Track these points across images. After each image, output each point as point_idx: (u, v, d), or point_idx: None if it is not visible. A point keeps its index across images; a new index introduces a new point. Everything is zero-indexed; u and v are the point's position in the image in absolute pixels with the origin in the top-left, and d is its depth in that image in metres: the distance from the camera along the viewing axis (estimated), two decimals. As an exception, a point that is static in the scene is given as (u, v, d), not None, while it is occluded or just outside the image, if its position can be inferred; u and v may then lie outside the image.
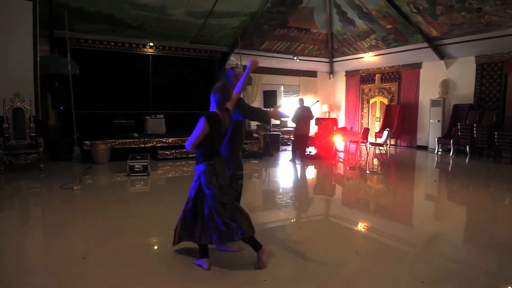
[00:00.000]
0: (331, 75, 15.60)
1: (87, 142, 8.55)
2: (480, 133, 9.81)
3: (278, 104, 13.16)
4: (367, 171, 8.62)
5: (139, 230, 4.12)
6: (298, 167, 8.88)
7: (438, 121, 11.39)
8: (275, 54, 13.47)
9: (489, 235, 4.29)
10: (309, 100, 12.68)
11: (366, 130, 10.83)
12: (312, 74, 15.17)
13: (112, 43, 10.70)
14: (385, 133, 9.84)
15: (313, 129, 10.37)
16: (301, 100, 9.69)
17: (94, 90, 10.44)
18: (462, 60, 11.01)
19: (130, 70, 11.05)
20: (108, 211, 4.88)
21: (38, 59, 8.28)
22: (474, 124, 9.99)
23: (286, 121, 13.74)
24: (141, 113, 10.78)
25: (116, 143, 8.85)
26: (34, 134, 7.60)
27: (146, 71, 11.37)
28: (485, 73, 10.53)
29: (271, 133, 11.47)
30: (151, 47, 11.33)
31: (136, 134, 9.60)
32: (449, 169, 9.18)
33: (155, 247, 3.77)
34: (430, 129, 11.69)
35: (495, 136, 9.48)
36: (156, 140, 9.36)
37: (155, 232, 4.16)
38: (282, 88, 14.58)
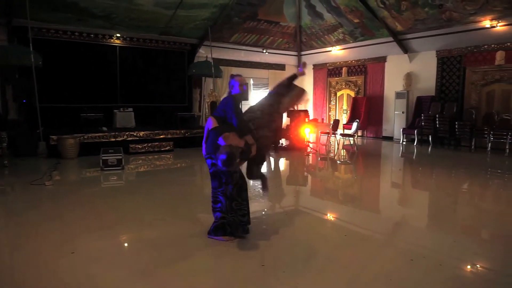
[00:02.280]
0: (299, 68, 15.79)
1: (53, 136, 8.18)
2: (442, 123, 10.36)
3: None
4: (338, 161, 8.87)
5: (134, 221, 4.05)
6: (272, 158, 8.98)
7: (403, 112, 11.88)
8: (244, 47, 13.46)
9: (450, 219, 4.54)
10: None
11: (336, 122, 11.12)
12: (281, 67, 15.30)
13: (77, 33, 10.24)
14: (355, 124, 10.16)
15: (285, 121, 10.50)
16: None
17: (59, 83, 9.98)
18: (424, 54, 11.53)
19: (96, 61, 10.64)
20: (92, 205, 4.73)
21: (-3, 49, 7.82)
22: (436, 115, 10.53)
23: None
24: (110, 107, 10.43)
25: (85, 137, 8.55)
26: (-4, 129, 7.20)
27: (113, 63, 10.98)
28: (445, 67, 11.09)
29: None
30: (118, 38, 10.96)
31: (105, 128, 9.31)
32: (414, 158, 9.61)
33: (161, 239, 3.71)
34: (395, 120, 12.18)
35: (456, 126, 10.05)
36: (127, 134, 9.13)
37: (151, 223, 4.09)
38: (251, 81, 14.60)
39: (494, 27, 9.29)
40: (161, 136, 9.62)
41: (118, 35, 10.91)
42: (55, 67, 9.75)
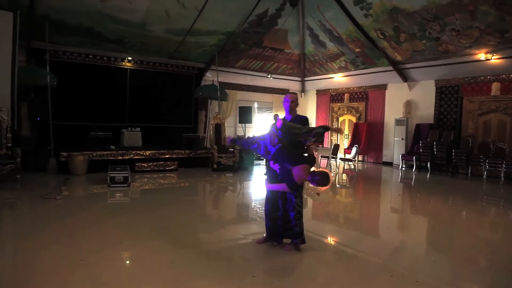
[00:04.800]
0: (303, 93, 16.27)
1: (64, 153, 8.56)
2: (440, 150, 10.63)
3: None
4: (338, 185, 9.12)
5: (137, 236, 4.33)
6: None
7: (402, 139, 12.18)
8: (250, 72, 13.97)
9: (447, 246, 4.68)
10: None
11: (336, 146, 11.42)
12: (285, 92, 15.70)
13: (91, 56, 10.81)
14: (354, 149, 10.45)
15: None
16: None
17: (72, 102, 10.46)
18: (423, 83, 11.93)
19: (108, 83, 11.16)
20: (104, 220, 5.03)
21: (16, 70, 8.31)
22: (434, 142, 10.82)
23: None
24: (118, 126, 10.85)
25: (94, 155, 8.91)
26: (10, 145, 7.58)
27: (123, 85, 11.50)
28: (443, 96, 11.46)
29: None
30: (129, 61, 11.51)
31: (113, 147, 9.68)
32: (412, 183, 9.82)
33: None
34: (394, 146, 12.46)
35: (453, 153, 10.31)
36: (133, 152, 9.48)
37: (167, 238, 4.36)
38: (256, 105, 15.04)
39: (489, 59, 9.68)
40: (166, 156, 9.96)
41: (129, 58, 11.46)
42: (68, 87, 10.24)
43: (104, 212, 5.61)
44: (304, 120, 4.11)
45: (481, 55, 9.72)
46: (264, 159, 10.90)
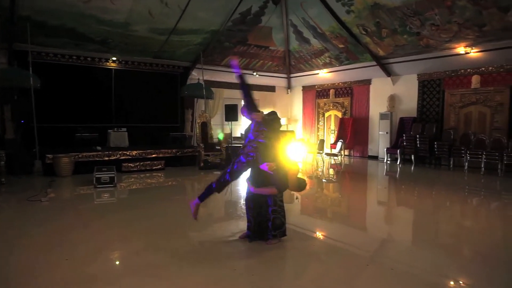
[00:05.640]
0: (289, 90, 16.38)
1: (49, 155, 8.53)
2: (423, 143, 10.84)
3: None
4: (324, 180, 9.26)
5: (123, 236, 4.38)
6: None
7: (387, 132, 12.38)
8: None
9: (432, 236, 4.82)
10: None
11: (322, 142, 11.56)
12: (271, 88, 15.86)
13: (74, 57, 10.73)
14: (339, 144, 10.61)
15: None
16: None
17: (56, 104, 10.38)
18: (406, 77, 12.13)
19: (92, 84, 11.09)
20: (90, 221, 5.06)
21: (-1, 72, 8.25)
22: (417, 135, 11.03)
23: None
24: (104, 127, 10.82)
25: (80, 156, 8.90)
26: (-6, 148, 7.54)
27: (108, 85, 11.45)
28: (426, 89, 11.68)
29: (233, 145, 11.89)
30: (113, 61, 11.46)
31: (99, 147, 9.66)
32: (397, 176, 10.01)
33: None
34: (379, 140, 12.66)
35: (435, 146, 10.54)
36: (120, 153, 9.49)
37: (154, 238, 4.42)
38: (242, 103, 15.05)
39: (468, 53, 9.89)
40: (153, 155, 9.98)
41: (114, 58, 11.41)
42: (52, 89, 10.16)
43: (90, 213, 5.64)
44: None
45: (461, 49, 9.93)
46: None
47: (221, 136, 13.19)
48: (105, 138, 10.50)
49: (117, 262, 3.72)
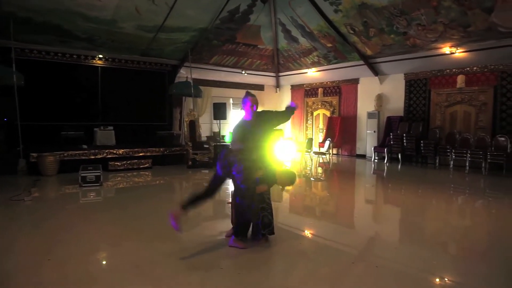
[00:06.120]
0: (277, 88, 16.41)
1: (33, 154, 8.38)
2: (409, 142, 10.97)
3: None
4: (312, 178, 9.30)
5: (108, 237, 4.32)
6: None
7: (374, 131, 12.49)
8: (224, 68, 13.97)
9: (418, 234, 4.88)
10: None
11: (310, 140, 11.60)
12: (260, 87, 15.86)
13: (60, 54, 10.56)
14: (327, 142, 10.66)
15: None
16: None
17: (41, 101, 10.21)
18: (393, 77, 12.25)
19: (78, 81, 10.95)
20: (75, 220, 4.98)
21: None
22: (404, 134, 11.15)
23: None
24: (90, 125, 10.69)
25: (65, 155, 8.76)
26: (-24, 146, 7.37)
27: (95, 83, 11.30)
28: (412, 89, 11.81)
29: (221, 144, 11.86)
30: (100, 59, 11.31)
31: (85, 146, 9.54)
32: (384, 175, 10.11)
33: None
34: (367, 139, 12.77)
35: (421, 144, 10.67)
36: (106, 151, 9.38)
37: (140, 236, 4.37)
38: (231, 101, 15.08)
39: (453, 53, 10.03)
40: (141, 154, 9.89)
41: (100, 56, 11.26)
42: (37, 87, 10.00)
43: (75, 212, 5.55)
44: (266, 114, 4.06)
45: (446, 49, 10.06)
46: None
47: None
48: (91, 137, 10.38)
49: (103, 262, 3.67)
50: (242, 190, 3.67)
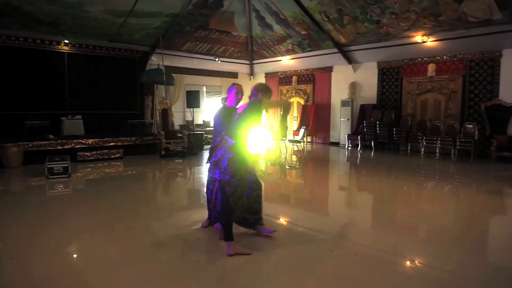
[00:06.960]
0: (252, 76, 16.25)
1: (-5, 145, 7.93)
2: (382, 129, 11.14)
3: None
4: (287, 166, 9.29)
5: (76, 230, 4.13)
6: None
7: (348, 119, 12.61)
8: (197, 55, 13.66)
9: (391, 218, 4.99)
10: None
11: (285, 127, 11.56)
12: (233, 75, 15.65)
13: (21, 39, 9.96)
14: (302, 130, 10.66)
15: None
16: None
17: (2, 89, 9.63)
18: (367, 65, 12.36)
19: (42, 68, 10.38)
20: (42, 214, 4.73)
21: None
22: (377, 122, 11.31)
23: (209, 121, 14.02)
24: (57, 114, 10.21)
25: (30, 145, 8.35)
26: None
27: (61, 70, 10.76)
28: (385, 77, 11.96)
29: (195, 132, 11.66)
30: (66, 44, 10.77)
31: (51, 136, 9.11)
32: (358, 162, 10.25)
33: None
34: (341, 127, 12.88)
35: (394, 132, 10.86)
36: (75, 141, 9.01)
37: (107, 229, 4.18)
38: (204, 89, 14.82)
39: (425, 42, 10.18)
40: (111, 144, 9.57)
41: (66, 41, 10.72)
42: (-3, 73, 9.42)
43: (42, 205, 5.27)
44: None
45: (418, 38, 10.20)
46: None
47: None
48: (58, 126, 9.92)
49: (74, 256, 3.50)
50: (233, 183, 3.47)
